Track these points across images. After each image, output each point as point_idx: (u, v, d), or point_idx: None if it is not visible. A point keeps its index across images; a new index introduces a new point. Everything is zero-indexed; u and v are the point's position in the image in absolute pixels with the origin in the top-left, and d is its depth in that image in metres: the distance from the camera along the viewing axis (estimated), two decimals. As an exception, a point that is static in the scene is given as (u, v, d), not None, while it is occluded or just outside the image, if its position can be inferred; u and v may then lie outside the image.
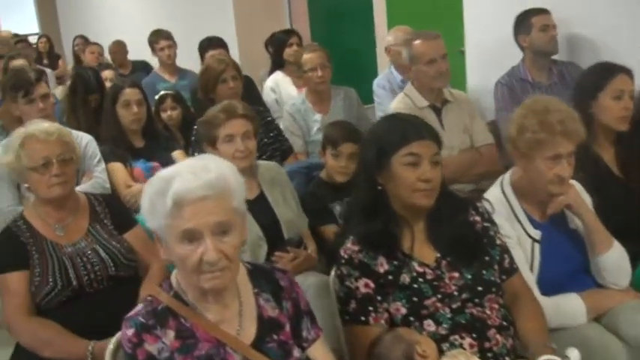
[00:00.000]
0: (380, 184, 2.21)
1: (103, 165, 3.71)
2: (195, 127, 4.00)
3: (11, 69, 4.92)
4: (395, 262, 2.16)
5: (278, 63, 5.53)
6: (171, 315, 1.82)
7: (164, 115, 4.64)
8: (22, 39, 9.37)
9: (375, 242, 2.17)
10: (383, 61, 5.90)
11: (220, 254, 1.73)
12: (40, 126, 2.72)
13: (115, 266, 2.68)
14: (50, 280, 2.58)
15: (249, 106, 3.10)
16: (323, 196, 3.40)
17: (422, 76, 3.79)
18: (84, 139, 3.63)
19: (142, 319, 1.80)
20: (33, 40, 10.37)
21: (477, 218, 2.30)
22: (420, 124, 2.23)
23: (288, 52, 5.43)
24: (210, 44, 5.50)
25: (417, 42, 3.79)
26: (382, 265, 2.15)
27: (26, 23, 13.63)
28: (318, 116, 4.39)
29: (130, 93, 3.91)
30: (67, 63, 9.78)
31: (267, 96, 5.33)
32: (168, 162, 3.83)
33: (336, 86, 4.54)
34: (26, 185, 2.76)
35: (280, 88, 5.31)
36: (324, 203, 3.38)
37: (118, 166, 3.81)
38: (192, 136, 4.02)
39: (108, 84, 4.99)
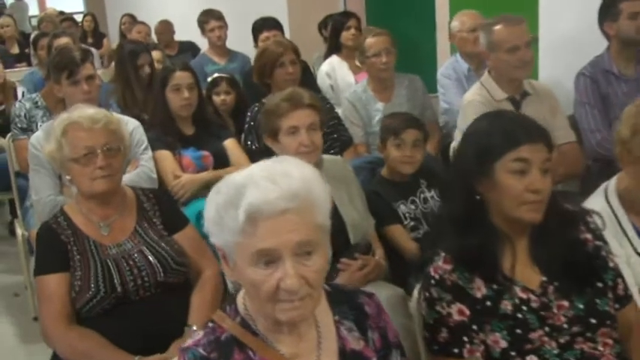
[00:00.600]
0: (479, 194, 1.88)
1: (149, 153, 3.44)
2: (249, 113, 3.75)
3: (55, 47, 4.67)
4: (494, 286, 1.84)
5: (334, 47, 5.23)
6: (237, 346, 1.52)
7: (217, 100, 4.34)
8: (67, 17, 9.20)
9: (472, 261, 1.85)
10: (443, 49, 5.57)
11: (302, 280, 1.41)
12: (85, 112, 2.44)
13: (164, 271, 2.39)
14: (92, 285, 2.31)
15: (315, 95, 2.79)
16: (386, 194, 3.10)
17: (502, 65, 3.44)
18: (130, 125, 3.34)
19: (203, 351, 1.50)
20: (78, 18, 10.19)
21: (588, 236, 1.95)
22: (530, 123, 1.88)
23: (346, 36, 5.14)
24: (265, 25, 5.22)
25: (498, 27, 3.42)
26: (479, 289, 1.83)
27: (72, 1, 13.54)
28: (379, 105, 4.10)
29: (180, 76, 3.61)
30: (112, 42, 9.58)
31: (322, 81, 5.05)
32: (219, 151, 3.62)
33: (400, 73, 4.23)
34: (68, 177, 2.48)
35: (336, 74, 5.03)
36: (388, 202, 3.08)
37: (165, 155, 3.53)
38: (246, 124, 3.74)
39: (156, 66, 4.73)
